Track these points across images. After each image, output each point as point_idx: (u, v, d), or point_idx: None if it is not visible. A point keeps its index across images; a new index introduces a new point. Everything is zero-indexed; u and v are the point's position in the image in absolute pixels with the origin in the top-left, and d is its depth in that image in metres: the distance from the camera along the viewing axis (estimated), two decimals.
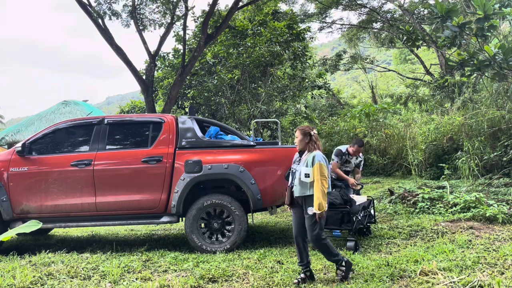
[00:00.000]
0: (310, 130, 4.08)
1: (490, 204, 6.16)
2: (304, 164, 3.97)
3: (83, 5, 12.14)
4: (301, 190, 3.94)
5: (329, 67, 21.60)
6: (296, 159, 4.18)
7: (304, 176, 3.91)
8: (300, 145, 4.07)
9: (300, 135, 4.08)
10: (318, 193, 3.82)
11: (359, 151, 6.50)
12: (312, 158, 3.93)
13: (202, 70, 15.08)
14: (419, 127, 12.59)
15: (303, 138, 4.04)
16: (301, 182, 3.93)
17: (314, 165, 3.89)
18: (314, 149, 4.00)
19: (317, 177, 3.84)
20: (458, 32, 5.89)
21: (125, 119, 5.99)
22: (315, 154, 3.95)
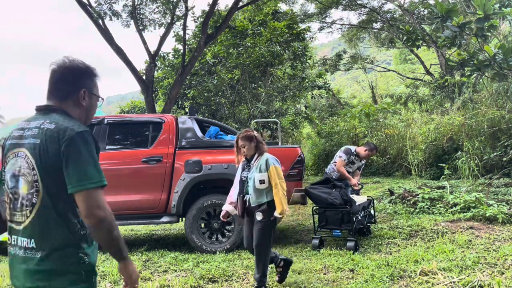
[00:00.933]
0: (252, 133, 3.86)
1: (490, 204, 6.16)
2: (256, 170, 3.72)
3: (83, 5, 12.14)
4: (257, 198, 3.72)
5: (329, 67, 21.60)
6: (243, 166, 3.92)
7: (259, 182, 3.68)
8: (249, 152, 3.81)
9: (246, 142, 3.79)
10: (278, 198, 3.62)
11: (372, 156, 6.49)
12: (265, 162, 3.72)
13: (202, 70, 15.08)
14: (419, 127, 12.60)
15: (250, 144, 3.79)
16: (256, 190, 3.70)
17: (268, 169, 3.69)
18: (263, 151, 3.81)
19: (275, 181, 3.65)
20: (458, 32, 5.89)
21: (125, 119, 5.99)
22: (266, 157, 3.75)
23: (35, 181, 1.57)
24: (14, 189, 1.63)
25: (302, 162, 5.53)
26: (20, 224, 1.61)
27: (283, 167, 5.39)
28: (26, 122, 1.68)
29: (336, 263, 4.41)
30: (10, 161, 1.66)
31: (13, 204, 1.63)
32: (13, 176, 1.63)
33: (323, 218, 5.32)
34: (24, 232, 1.59)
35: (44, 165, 1.57)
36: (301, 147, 6.08)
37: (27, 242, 1.58)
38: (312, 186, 5.55)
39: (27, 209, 1.59)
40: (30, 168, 1.59)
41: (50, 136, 1.57)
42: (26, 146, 1.61)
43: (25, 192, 1.59)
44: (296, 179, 5.44)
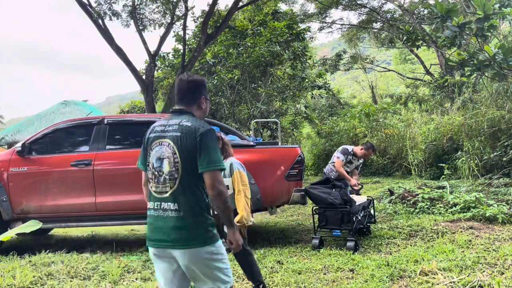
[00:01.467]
0: (219, 134, 3.64)
1: (490, 204, 6.15)
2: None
3: (83, 5, 12.14)
4: None
5: (329, 67, 21.61)
6: None
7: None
8: None
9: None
10: (240, 205, 3.41)
11: (370, 155, 6.51)
12: (230, 166, 3.53)
13: (202, 70, 15.08)
14: (419, 127, 12.60)
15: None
16: None
17: (232, 174, 3.50)
18: (228, 156, 3.63)
19: (239, 187, 3.46)
20: (458, 32, 5.89)
21: (125, 119, 5.99)
22: (231, 161, 3.56)
23: (176, 162, 2.19)
24: (158, 168, 2.24)
25: (302, 162, 5.54)
26: (163, 193, 2.21)
27: (283, 167, 5.43)
28: (165, 120, 2.31)
29: (336, 263, 4.41)
30: (155, 148, 2.28)
31: (157, 179, 2.25)
32: (158, 159, 2.25)
33: (323, 218, 5.32)
34: (169, 199, 2.19)
35: (183, 151, 2.18)
36: (301, 147, 6.08)
37: (172, 205, 2.19)
38: (312, 186, 5.55)
39: (170, 182, 2.20)
40: (172, 153, 2.20)
41: (188, 131, 2.19)
42: (169, 137, 2.23)
43: (168, 170, 2.21)
44: (296, 179, 5.44)
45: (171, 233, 2.16)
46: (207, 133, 2.18)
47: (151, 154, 2.30)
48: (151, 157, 2.30)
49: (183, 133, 2.19)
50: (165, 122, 2.31)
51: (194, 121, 2.25)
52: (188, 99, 2.35)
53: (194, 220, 2.18)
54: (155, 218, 2.24)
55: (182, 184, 2.18)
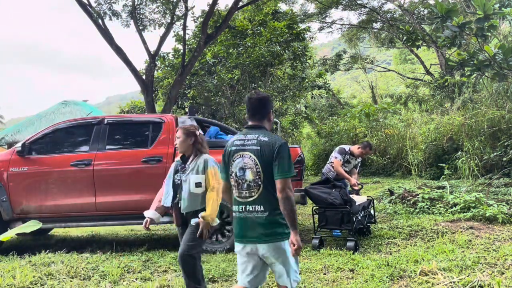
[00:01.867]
0: (195, 130, 3.48)
1: (490, 204, 6.15)
2: (193, 172, 3.33)
3: (83, 5, 12.13)
4: (191, 204, 3.30)
5: (329, 67, 21.60)
6: (177, 167, 3.48)
7: (194, 186, 3.28)
8: (182, 147, 3.41)
9: (182, 135, 3.41)
10: (210, 201, 3.23)
11: (368, 154, 6.51)
12: (203, 162, 3.35)
13: (202, 70, 15.08)
14: (419, 127, 12.60)
15: (186, 139, 3.40)
16: (191, 194, 3.29)
17: (207, 171, 3.32)
18: (202, 153, 3.43)
19: (213, 184, 3.28)
20: (458, 32, 5.89)
21: (125, 119, 6.00)
22: (205, 158, 3.39)
23: (258, 171, 2.59)
24: (242, 177, 2.63)
25: (302, 162, 5.54)
26: (248, 198, 2.62)
27: None
28: (243, 135, 2.71)
29: (336, 263, 4.41)
30: (236, 159, 2.67)
31: (240, 186, 2.65)
32: (240, 169, 2.64)
33: (323, 218, 5.32)
34: (254, 202, 2.61)
35: (263, 162, 2.58)
36: (301, 147, 6.07)
37: (257, 207, 2.60)
38: (312, 186, 5.54)
39: (254, 188, 2.60)
40: (254, 164, 2.60)
41: (266, 144, 2.60)
42: (249, 150, 2.62)
43: (251, 178, 2.61)
44: (296, 179, 5.44)
45: (257, 230, 2.60)
46: (282, 146, 2.60)
47: (233, 165, 2.69)
48: (233, 167, 2.69)
49: (262, 146, 2.60)
50: (243, 137, 2.71)
51: (269, 136, 2.66)
52: (259, 115, 2.74)
53: (276, 219, 2.60)
54: (240, 219, 2.68)
55: (265, 190, 2.60)
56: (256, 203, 2.61)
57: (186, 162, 3.43)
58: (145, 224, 3.46)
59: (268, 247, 2.59)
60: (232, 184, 2.71)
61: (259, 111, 2.74)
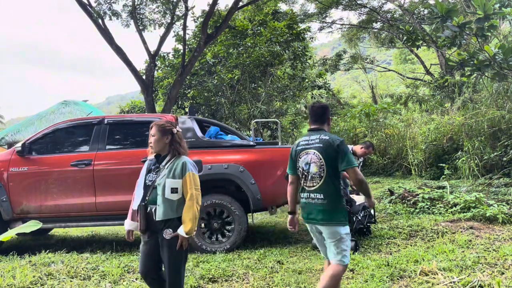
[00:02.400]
0: (172, 127, 3.09)
1: (490, 204, 6.15)
2: (169, 175, 2.93)
3: (83, 5, 12.13)
4: (166, 211, 2.90)
5: (329, 67, 21.61)
6: (150, 166, 3.11)
7: (170, 191, 2.90)
8: (157, 147, 3.03)
9: (157, 133, 3.03)
10: (190, 213, 2.85)
11: (370, 153, 6.51)
12: (181, 165, 2.95)
13: (202, 70, 15.08)
14: (419, 127, 12.60)
15: (162, 138, 3.02)
16: (165, 200, 2.91)
17: (184, 175, 2.92)
18: (180, 154, 3.04)
19: (191, 191, 2.89)
20: (458, 32, 5.89)
21: (125, 119, 5.99)
22: (184, 161, 2.98)
23: (322, 165, 3.06)
24: (307, 170, 3.12)
25: None
26: (311, 187, 3.10)
27: (283, 167, 5.41)
28: (307, 137, 3.21)
29: None
30: (302, 156, 3.17)
31: (305, 178, 3.14)
32: (306, 163, 3.13)
33: None
34: (316, 190, 3.08)
35: (326, 157, 3.05)
36: None
37: (319, 195, 3.07)
38: None
39: (317, 179, 3.07)
40: (318, 159, 3.07)
41: (327, 142, 3.07)
42: (313, 148, 3.11)
43: (315, 171, 3.08)
44: None
45: (318, 214, 3.07)
46: (341, 143, 3.07)
47: (300, 161, 3.18)
48: (300, 163, 3.19)
49: (324, 144, 3.08)
50: (307, 138, 3.23)
51: (329, 135, 3.14)
52: (321, 120, 3.25)
53: (334, 205, 3.06)
54: (306, 204, 3.18)
55: (326, 180, 3.05)
56: (317, 192, 3.09)
57: (161, 162, 3.04)
58: (128, 237, 3.14)
59: (326, 229, 3.07)
60: (299, 176, 3.22)
61: (321, 117, 3.26)
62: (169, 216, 2.91)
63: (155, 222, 2.93)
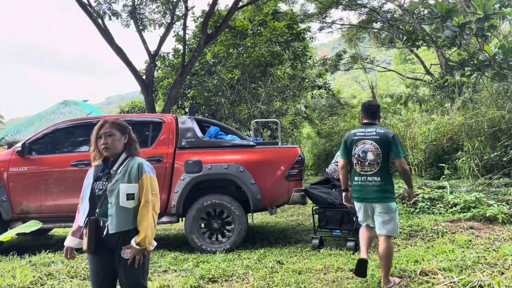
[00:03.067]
0: (128, 126, 2.74)
1: (490, 204, 6.15)
2: (123, 179, 2.53)
3: (83, 5, 12.14)
4: (120, 222, 2.48)
5: (329, 67, 21.60)
6: (98, 173, 2.63)
7: (125, 198, 2.49)
8: (115, 148, 2.60)
9: (116, 132, 2.62)
10: (145, 222, 2.47)
11: None
12: (137, 167, 2.56)
13: (202, 70, 15.08)
14: (419, 127, 12.59)
15: (121, 137, 2.64)
16: (119, 208, 2.48)
17: (141, 178, 2.54)
18: (134, 155, 2.65)
19: (147, 197, 2.51)
20: (458, 32, 5.89)
21: (125, 119, 5.97)
22: (140, 161, 2.61)
23: (378, 153, 3.69)
24: (364, 157, 3.73)
25: (302, 162, 5.54)
26: (368, 172, 3.72)
27: (283, 167, 5.42)
28: (363, 129, 3.83)
29: (336, 263, 4.41)
30: (359, 145, 3.77)
31: (362, 164, 3.75)
32: (363, 151, 3.73)
33: (323, 218, 5.32)
34: (374, 174, 3.70)
35: (381, 146, 3.70)
36: (301, 147, 6.08)
37: (376, 178, 3.70)
38: (312, 186, 5.55)
39: (374, 165, 3.70)
40: (375, 148, 3.70)
41: (383, 135, 3.73)
42: (370, 139, 3.74)
43: (372, 158, 3.70)
44: (296, 179, 5.45)
45: (375, 194, 3.70)
46: (394, 136, 3.75)
47: (357, 149, 3.78)
48: (356, 150, 3.78)
49: (380, 136, 3.73)
50: (363, 130, 3.83)
51: (383, 129, 3.81)
52: (374, 117, 3.91)
53: (388, 186, 3.72)
54: (361, 186, 3.77)
55: (381, 166, 3.70)
56: (375, 175, 3.70)
57: (111, 166, 2.60)
58: (67, 255, 2.66)
59: (381, 205, 3.69)
60: (354, 162, 3.80)
61: (374, 114, 3.91)
62: (125, 227, 2.48)
63: (108, 236, 2.48)
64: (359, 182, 3.77)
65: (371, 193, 3.70)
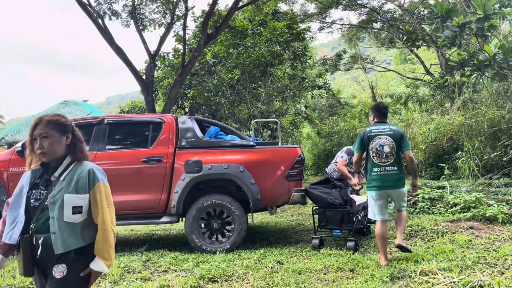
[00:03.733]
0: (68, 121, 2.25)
1: (490, 204, 6.15)
2: (69, 188, 2.11)
3: (83, 5, 12.14)
4: (66, 240, 2.07)
5: (329, 67, 21.60)
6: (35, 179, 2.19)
7: (71, 211, 2.08)
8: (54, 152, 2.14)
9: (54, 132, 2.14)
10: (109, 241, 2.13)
11: None
12: (87, 175, 2.16)
13: (202, 70, 15.08)
14: (419, 127, 12.60)
15: (61, 138, 2.17)
16: (64, 224, 2.07)
17: (93, 188, 2.15)
18: (81, 160, 2.22)
19: (103, 210, 2.16)
20: (458, 32, 5.89)
21: (125, 119, 5.99)
22: (90, 167, 2.20)
23: (392, 147, 4.34)
24: (381, 150, 4.34)
25: (302, 162, 5.54)
26: (386, 163, 4.34)
27: (283, 167, 5.42)
28: (378, 126, 4.46)
29: (336, 263, 4.41)
30: (376, 140, 4.38)
31: (380, 156, 4.35)
32: (380, 145, 4.35)
33: (323, 218, 5.32)
34: (391, 164, 4.33)
35: (394, 141, 4.35)
36: (301, 147, 6.07)
37: (393, 168, 4.33)
38: (312, 186, 5.55)
39: (390, 157, 4.34)
40: (390, 142, 4.34)
41: (395, 131, 4.42)
42: (385, 134, 4.37)
43: (388, 151, 4.33)
44: (296, 179, 5.44)
45: (393, 181, 4.35)
46: (403, 132, 4.49)
47: (374, 143, 4.39)
48: (373, 144, 4.39)
49: (393, 132, 4.42)
50: (378, 127, 4.47)
51: (395, 126, 4.53)
52: (385, 116, 4.62)
53: (401, 174, 4.41)
54: (381, 176, 4.37)
55: (396, 157, 4.37)
56: (392, 165, 4.36)
57: (52, 172, 2.17)
58: None
59: (397, 191, 4.40)
60: (371, 155, 4.40)
61: (386, 113, 4.63)
62: (73, 246, 2.08)
63: (48, 257, 2.08)
64: (378, 172, 4.36)
65: (390, 181, 4.32)
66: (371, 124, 4.64)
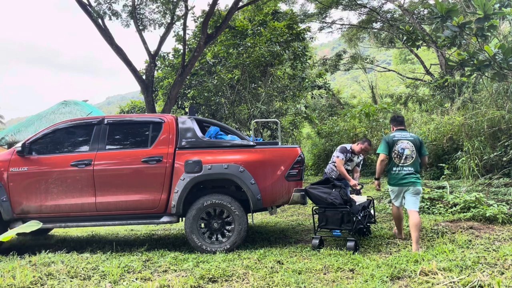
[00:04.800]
0: None
1: (490, 204, 6.15)
2: None
3: (83, 5, 12.14)
4: None
5: (329, 67, 21.62)
6: None
7: None
8: None
9: None
10: None
11: (367, 150, 6.54)
12: None
13: (202, 70, 15.09)
14: (419, 127, 12.59)
15: None
16: None
17: None
18: None
19: None
20: (458, 32, 5.89)
21: (125, 119, 5.98)
22: None
23: (412, 150, 5.18)
24: (402, 152, 5.17)
25: (302, 162, 5.54)
26: (405, 163, 5.15)
27: (283, 167, 5.42)
28: (399, 133, 5.30)
29: (336, 263, 4.41)
30: (399, 144, 5.20)
31: (400, 157, 5.17)
32: (402, 148, 5.18)
33: (323, 218, 5.32)
34: (409, 165, 5.15)
35: (414, 145, 5.21)
36: (301, 147, 6.07)
37: (411, 168, 5.15)
38: (312, 186, 5.54)
39: (409, 159, 5.15)
40: (411, 146, 5.19)
41: (414, 137, 5.29)
42: (406, 139, 5.23)
43: (408, 153, 5.16)
44: (296, 179, 5.44)
45: (410, 179, 5.07)
46: (421, 139, 5.29)
47: (397, 147, 5.16)
48: (396, 147, 5.16)
49: (413, 138, 5.21)
50: (400, 133, 5.26)
51: (413, 134, 5.32)
52: (404, 124, 5.43)
53: (417, 174, 5.12)
54: (399, 174, 5.13)
55: (414, 159, 5.11)
56: (410, 166, 5.11)
57: None
58: None
59: (413, 188, 5.07)
60: (393, 156, 5.17)
61: (402, 122, 5.44)
62: None
63: None
64: (397, 171, 5.13)
65: (408, 179, 5.05)
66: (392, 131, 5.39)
